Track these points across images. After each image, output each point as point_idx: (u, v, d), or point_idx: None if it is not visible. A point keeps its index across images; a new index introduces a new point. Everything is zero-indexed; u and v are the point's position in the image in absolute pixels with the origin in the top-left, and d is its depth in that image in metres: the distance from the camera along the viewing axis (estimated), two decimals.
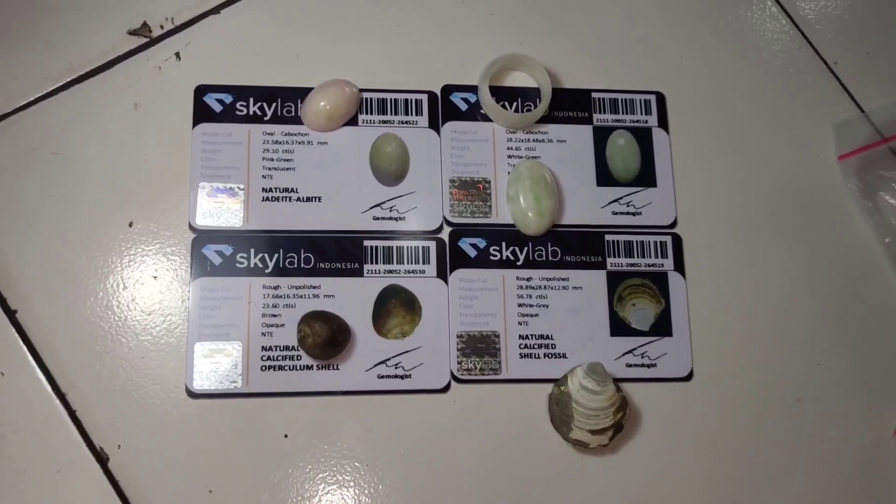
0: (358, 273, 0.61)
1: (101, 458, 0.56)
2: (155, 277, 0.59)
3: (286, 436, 0.58)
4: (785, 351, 0.63)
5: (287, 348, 0.59)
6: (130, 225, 0.60)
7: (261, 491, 0.56)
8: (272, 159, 0.62)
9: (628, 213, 0.64)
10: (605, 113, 0.66)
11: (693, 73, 0.68)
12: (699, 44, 0.69)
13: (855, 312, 0.65)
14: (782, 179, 0.67)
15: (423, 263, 0.61)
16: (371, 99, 0.64)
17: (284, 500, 0.56)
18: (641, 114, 0.67)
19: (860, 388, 0.63)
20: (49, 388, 0.56)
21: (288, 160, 0.62)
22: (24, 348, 0.56)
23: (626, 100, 0.67)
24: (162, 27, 0.63)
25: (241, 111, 0.62)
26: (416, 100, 0.64)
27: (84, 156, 0.60)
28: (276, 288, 0.60)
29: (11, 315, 0.57)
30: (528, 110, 0.65)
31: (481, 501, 0.58)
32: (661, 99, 0.67)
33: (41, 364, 0.56)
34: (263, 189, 0.61)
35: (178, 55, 0.63)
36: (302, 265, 0.60)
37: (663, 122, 0.67)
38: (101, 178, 0.60)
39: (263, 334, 0.59)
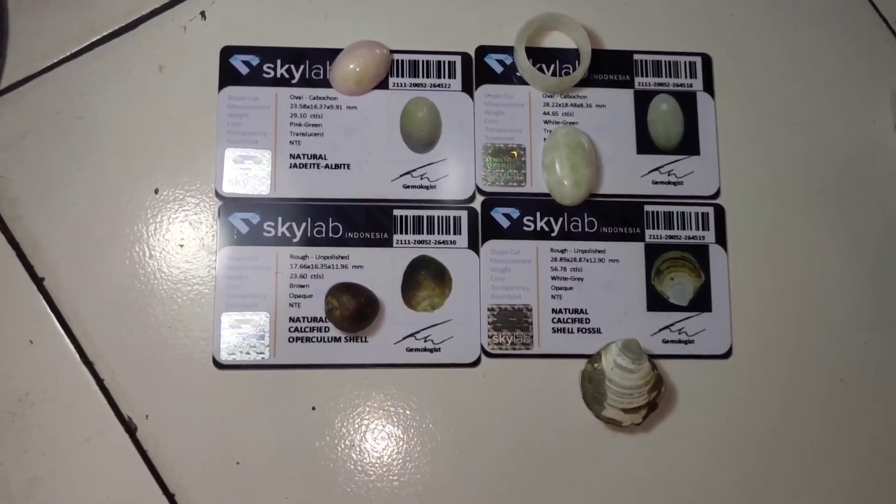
0: (387, 243, 0.59)
1: (130, 428, 0.55)
2: (181, 246, 0.58)
3: (314, 408, 0.57)
4: (829, 329, 0.61)
5: (315, 320, 0.58)
6: (156, 192, 0.58)
7: (289, 463, 0.56)
8: (300, 124, 0.60)
9: (669, 183, 0.62)
10: (647, 76, 0.63)
11: (742, 34, 0.65)
12: (750, 1, 0.65)
13: None
14: (834, 149, 0.63)
15: (455, 234, 0.60)
16: (402, 61, 0.61)
17: (312, 473, 0.56)
18: (686, 77, 0.63)
19: None
20: (77, 356, 0.56)
21: (316, 125, 0.60)
22: (52, 316, 0.56)
23: (669, 62, 0.63)
24: None
25: (269, 73, 0.60)
26: (448, 62, 0.62)
27: (108, 120, 0.59)
28: (303, 258, 0.58)
29: (39, 283, 0.56)
30: (567, 73, 0.62)
31: (510, 477, 0.57)
32: (707, 61, 0.64)
33: (69, 332, 0.56)
34: (291, 155, 0.59)
35: (203, 14, 0.61)
36: (330, 234, 0.59)
37: (709, 87, 0.63)
38: (126, 143, 0.59)
39: (291, 305, 0.58)
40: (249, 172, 0.59)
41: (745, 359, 0.60)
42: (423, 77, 0.61)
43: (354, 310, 0.55)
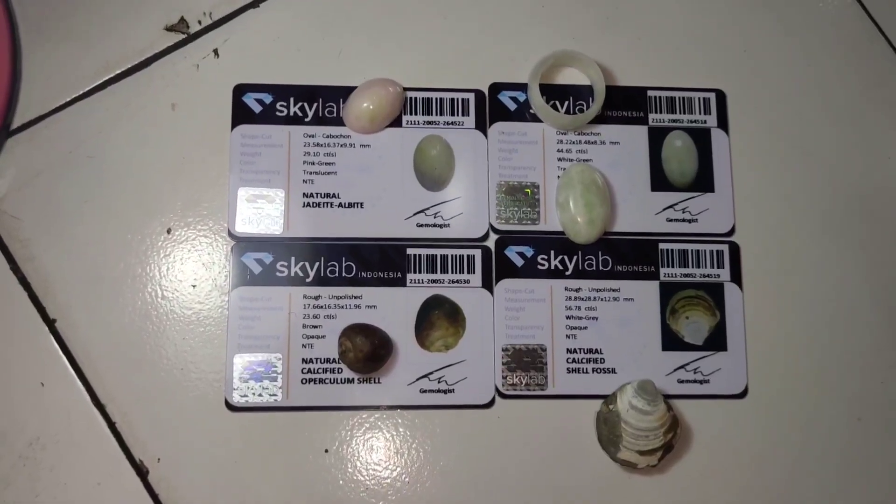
0: (401, 282, 0.59)
1: (142, 471, 0.55)
2: (194, 286, 0.58)
3: (327, 451, 0.56)
4: (847, 367, 0.60)
5: (328, 361, 0.57)
6: (169, 231, 0.58)
7: None
8: (313, 163, 0.60)
9: (684, 221, 0.61)
10: (661, 112, 0.63)
11: (756, 69, 0.64)
12: (763, 37, 0.65)
13: None
14: (849, 184, 0.63)
15: (468, 273, 0.59)
16: (416, 98, 0.61)
17: None
18: (700, 113, 0.63)
19: None
20: (89, 399, 0.55)
21: (329, 164, 0.60)
22: (64, 358, 0.56)
23: (683, 98, 0.63)
24: (200, 22, 0.61)
25: (282, 112, 0.60)
26: (462, 99, 0.62)
27: (120, 159, 0.59)
28: (316, 298, 0.58)
29: (51, 324, 0.56)
30: (581, 110, 0.62)
31: None
32: (721, 97, 0.63)
33: (80, 375, 0.56)
34: (304, 194, 0.59)
35: (216, 52, 0.61)
36: (343, 274, 0.58)
37: (723, 123, 0.63)
38: (139, 182, 0.58)
39: (304, 346, 0.57)
40: (262, 211, 0.59)
41: (760, 398, 0.59)
42: (436, 115, 0.61)
43: (368, 352, 0.55)
